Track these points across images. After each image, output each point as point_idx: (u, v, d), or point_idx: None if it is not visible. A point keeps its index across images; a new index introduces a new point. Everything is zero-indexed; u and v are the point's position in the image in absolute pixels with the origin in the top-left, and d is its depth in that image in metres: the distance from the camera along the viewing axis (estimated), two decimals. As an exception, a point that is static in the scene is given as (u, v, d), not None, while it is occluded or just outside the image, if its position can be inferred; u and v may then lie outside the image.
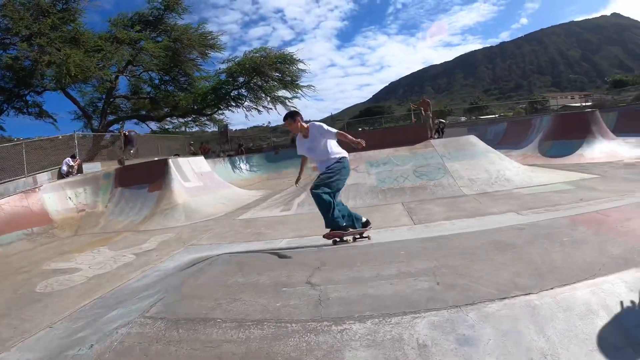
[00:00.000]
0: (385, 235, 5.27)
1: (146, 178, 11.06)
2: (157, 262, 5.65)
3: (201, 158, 14.33)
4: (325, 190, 4.47)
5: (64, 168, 13.70)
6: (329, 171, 4.59)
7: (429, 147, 9.76)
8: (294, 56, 25.24)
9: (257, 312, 3.00)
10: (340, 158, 4.69)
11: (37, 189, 10.96)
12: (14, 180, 12.60)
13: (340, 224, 4.56)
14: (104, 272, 5.57)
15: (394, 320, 2.57)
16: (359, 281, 3.33)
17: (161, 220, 9.11)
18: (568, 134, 12.79)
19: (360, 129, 36.80)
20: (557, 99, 51.81)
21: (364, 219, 4.95)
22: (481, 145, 9.71)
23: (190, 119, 28.75)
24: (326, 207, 4.48)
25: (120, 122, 27.62)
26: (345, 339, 2.44)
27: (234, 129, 42.50)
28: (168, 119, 28.86)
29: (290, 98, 26.34)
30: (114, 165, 14.60)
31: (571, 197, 6.26)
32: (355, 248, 4.52)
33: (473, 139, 10.08)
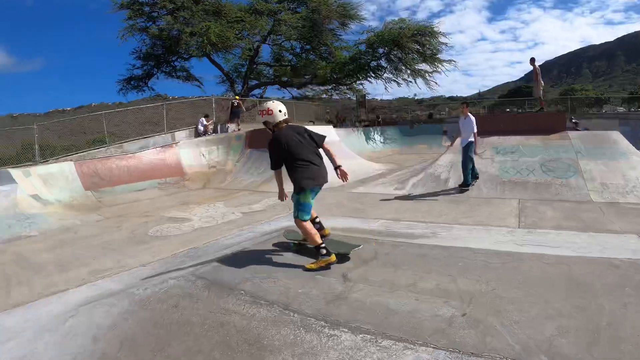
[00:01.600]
0: (475, 234, 4.71)
1: (274, 141, 11.29)
2: (256, 223, 5.69)
3: (329, 127, 14.29)
4: None
5: (200, 127, 14.94)
6: None
7: (565, 139, 8.46)
8: (434, 28, 23.44)
9: (275, 294, 3.18)
10: None
11: (174, 145, 12.36)
12: (153, 136, 14.20)
13: None
14: (209, 225, 5.82)
15: (385, 343, 2.39)
16: (391, 289, 3.18)
17: (279, 184, 9.17)
18: None
19: (507, 110, 34.02)
20: None
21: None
22: (624, 144, 8.05)
23: (330, 87, 29.12)
24: None
25: (263, 87, 29.35)
26: (329, 345, 2.39)
27: (379, 99, 42.41)
28: (309, 86, 29.64)
29: (431, 72, 24.81)
30: (247, 128, 15.37)
31: None
32: (419, 247, 4.27)
33: (615, 135, 8.35)
